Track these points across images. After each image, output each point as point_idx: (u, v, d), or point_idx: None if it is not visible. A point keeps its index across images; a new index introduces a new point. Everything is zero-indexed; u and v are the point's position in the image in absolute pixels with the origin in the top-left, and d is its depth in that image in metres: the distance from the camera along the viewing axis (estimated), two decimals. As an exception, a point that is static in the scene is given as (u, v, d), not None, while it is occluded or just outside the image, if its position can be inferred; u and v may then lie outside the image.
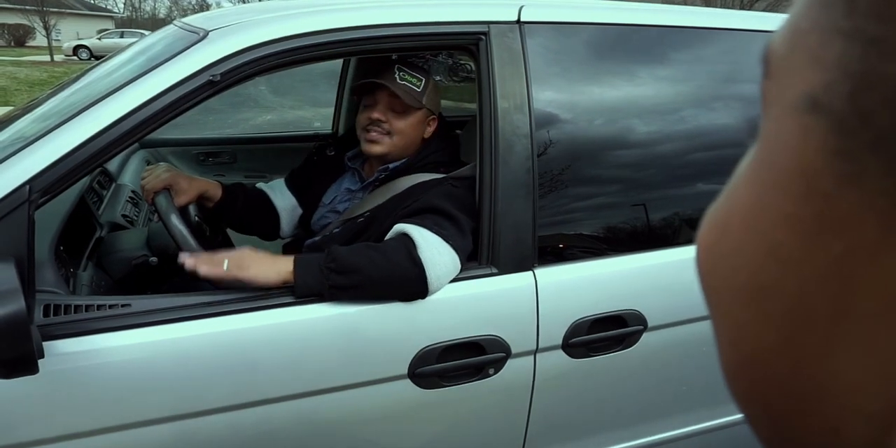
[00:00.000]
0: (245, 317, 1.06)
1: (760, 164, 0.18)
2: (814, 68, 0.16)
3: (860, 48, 0.15)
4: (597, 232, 1.34)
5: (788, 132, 0.17)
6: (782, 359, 0.17)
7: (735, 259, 0.18)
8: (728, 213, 0.19)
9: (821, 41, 0.16)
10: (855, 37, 0.15)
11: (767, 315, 0.17)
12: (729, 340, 0.19)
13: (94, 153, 0.98)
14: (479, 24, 1.20)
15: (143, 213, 1.79)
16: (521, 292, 1.19)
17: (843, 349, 0.16)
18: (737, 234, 0.18)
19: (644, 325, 1.26)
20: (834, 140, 0.15)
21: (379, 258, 1.10)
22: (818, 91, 0.16)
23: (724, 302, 0.19)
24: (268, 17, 1.17)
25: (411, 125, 1.39)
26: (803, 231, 0.16)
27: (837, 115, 0.15)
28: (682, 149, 1.38)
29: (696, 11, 1.57)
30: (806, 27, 0.16)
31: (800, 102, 0.16)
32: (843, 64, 0.15)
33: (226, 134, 2.99)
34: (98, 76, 1.35)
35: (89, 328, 0.98)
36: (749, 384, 0.19)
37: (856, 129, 0.15)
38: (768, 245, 0.17)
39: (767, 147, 0.18)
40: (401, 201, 1.29)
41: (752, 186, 0.18)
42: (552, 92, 1.25)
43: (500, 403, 1.23)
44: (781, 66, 0.17)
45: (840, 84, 0.15)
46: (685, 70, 1.40)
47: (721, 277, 0.19)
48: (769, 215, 0.17)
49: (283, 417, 1.09)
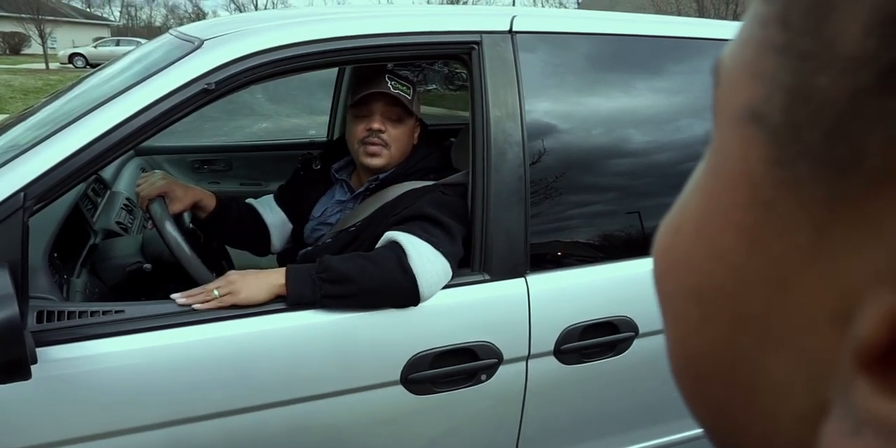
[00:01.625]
0: (238, 323, 1.06)
1: (709, 172, 0.19)
2: (753, 81, 0.17)
3: (793, 63, 0.15)
4: (588, 239, 1.35)
5: (733, 142, 0.17)
6: (722, 356, 0.18)
7: (686, 263, 0.19)
8: (680, 219, 0.20)
9: (758, 54, 0.16)
10: (789, 52, 0.15)
11: (712, 315, 0.18)
12: (677, 339, 0.20)
13: (89, 160, 0.99)
14: (472, 33, 1.22)
15: (138, 221, 1.79)
16: (514, 299, 1.20)
17: (775, 349, 0.16)
18: (687, 240, 0.19)
19: (635, 332, 1.27)
20: (772, 150, 0.16)
21: (370, 267, 1.11)
22: (757, 103, 0.16)
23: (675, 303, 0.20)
24: (263, 26, 1.18)
25: (406, 134, 1.40)
26: (748, 236, 0.17)
27: (774, 126, 0.16)
28: (672, 157, 1.39)
29: (689, 22, 1.59)
30: (746, 40, 0.17)
31: (741, 113, 0.17)
32: (778, 78, 0.16)
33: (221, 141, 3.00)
34: (94, 84, 1.35)
35: (82, 334, 0.98)
36: (693, 381, 0.20)
37: (790, 140, 0.15)
38: (717, 250, 0.18)
39: (715, 155, 0.18)
40: (391, 209, 1.30)
41: (701, 193, 0.19)
42: (544, 101, 1.27)
43: (492, 409, 1.24)
44: (727, 76, 0.18)
45: (776, 97, 0.16)
46: (677, 80, 1.41)
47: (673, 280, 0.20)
48: (717, 221, 0.18)
49: (277, 423, 1.10)
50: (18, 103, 10.08)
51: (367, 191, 1.42)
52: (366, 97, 1.37)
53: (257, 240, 1.57)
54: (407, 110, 1.38)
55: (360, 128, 1.38)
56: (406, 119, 1.39)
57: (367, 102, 1.38)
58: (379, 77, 1.38)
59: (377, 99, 1.37)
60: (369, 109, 1.38)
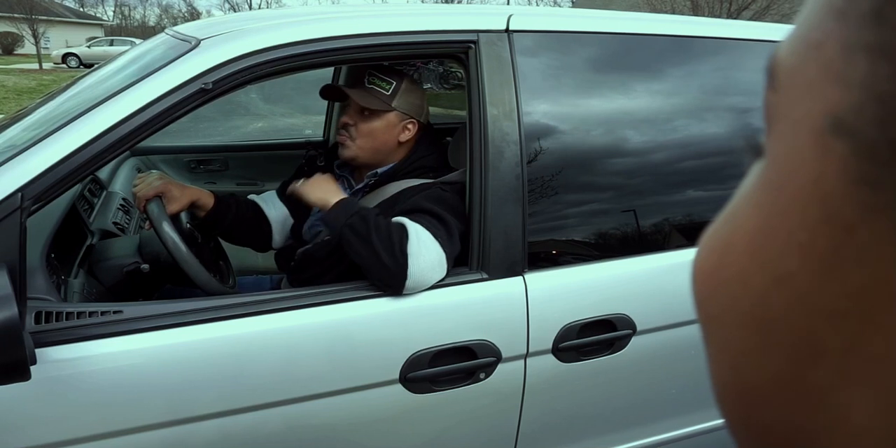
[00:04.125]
0: (236, 323, 1.06)
1: (769, 186, 0.17)
2: (835, 86, 0.14)
3: (890, 67, 0.13)
4: (586, 237, 1.36)
5: (804, 154, 0.15)
6: (786, 391, 0.16)
7: (737, 287, 0.17)
8: (731, 236, 0.18)
9: (841, 56, 0.14)
10: (884, 54, 0.13)
11: (772, 346, 0.16)
12: (726, 366, 0.18)
13: (85, 161, 0.99)
14: (469, 32, 1.22)
15: (135, 221, 1.79)
16: (512, 297, 1.20)
17: (852, 387, 0.15)
18: (740, 261, 0.17)
19: (633, 329, 1.27)
20: (859, 167, 0.14)
21: (384, 231, 1.15)
22: (843, 112, 0.14)
23: (724, 329, 0.18)
24: (259, 25, 1.18)
25: (378, 128, 1.40)
26: (817, 261, 0.15)
27: (865, 141, 0.14)
28: (670, 155, 1.40)
29: (684, 20, 1.59)
30: (819, 38, 0.15)
31: (820, 123, 0.15)
32: (871, 84, 0.13)
33: (217, 141, 2.99)
34: (90, 84, 1.35)
35: (81, 335, 0.98)
36: (745, 412, 0.18)
37: (886, 158, 0.13)
38: (776, 274, 0.16)
39: (777, 168, 0.16)
40: (390, 205, 1.31)
41: (758, 209, 0.17)
42: (541, 99, 1.27)
43: (491, 407, 1.24)
44: (791, 79, 0.16)
45: (869, 107, 0.13)
46: (673, 78, 1.42)
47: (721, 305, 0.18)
48: (778, 242, 0.16)
49: (275, 423, 1.10)
50: (12, 104, 10.03)
51: (367, 187, 1.43)
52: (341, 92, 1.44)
53: (259, 235, 1.59)
54: (382, 105, 1.39)
55: (339, 121, 1.46)
56: (380, 114, 1.39)
57: (345, 96, 1.43)
58: (360, 73, 1.43)
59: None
60: (347, 103, 1.45)
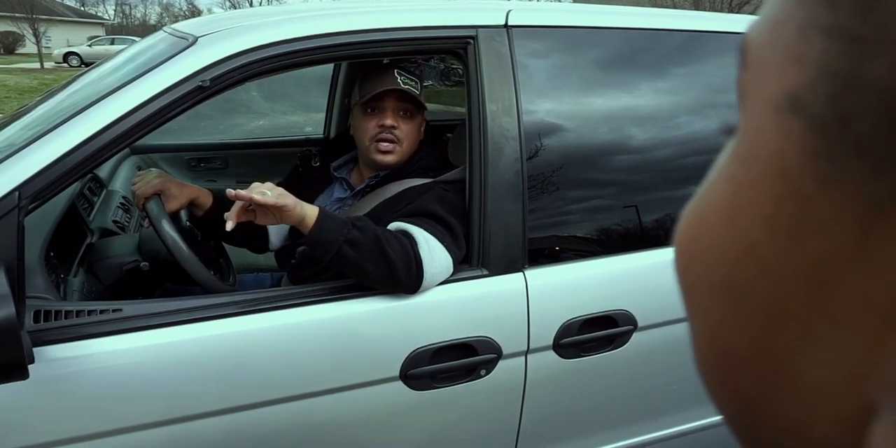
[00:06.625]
0: (236, 320, 1.06)
1: (738, 161, 0.18)
2: (793, 65, 0.15)
3: (841, 47, 0.14)
4: (586, 233, 1.35)
5: (768, 130, 0.16)
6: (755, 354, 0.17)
7: (711, 257, 0.18)
8: (705, 210, 0.19)
9: (800, 36, 0.15)
10: (836, 34, 0.14)
11: (742, 312, 0.17)
12: (704, 332, 0.19)
13: (84, 158, 0.98)
14: (468, 28, 1.21)
15: (134, 219, 1.78)
16: (512, 293, 1.20)
17: (813, 348, 0.16)
18: (713, 232, 0.18)
19: (634, 325, 1.27)
20: (814, 142, 0.15)
21: (390, 239, 1.12)
22: (798, 90, 0.15)
23: (701, 298, 0.19)
24: (257, 22, 1.17)
25: (417, 129, 1.39)
26: (781, 231, 0.16)
27: (818, 117, 0.14)
28: (670, 150, 1.39)
29: (684, 15, 1.58)
30: (783, 19, 0.16)
31: (779, 101, 0.16)
32: (824, 63, 0.14)
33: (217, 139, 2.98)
34: (88, 82, 1.35)
35: (80, 333, 0.98)
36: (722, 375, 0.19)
37: (837, 132, 0.14)
38: (745, 244, 0.17)
39: (746, 144, 0.17)
40: (392, 206, 1.29)
41: (729, 183, 0.18)
42: (540, 95, 1.26)
43: (491, 404, 1.24)
44: (759, 58, 0.17)
45: (820, 84, 0.14)
46: (675, 73, 1.41)
47: (697, 274, 0.19)
48: (746, 214, 0.17)
49: (277, 420, 1.09)
50: (13, 103, 10.03)
51: (367, 187, 1.42)
52: (378, 93, 1.34)
53: (255, 237, 1.57)
54: (417, 105, 1.37)
55: (372, 124, 1.35)
56: (416, 114, 1.38)
57: (379, 98, 1.35)
58: (388, 72, 1.35)
59: (388, 94, 1.34)
60: (381, 105, 1.35)
